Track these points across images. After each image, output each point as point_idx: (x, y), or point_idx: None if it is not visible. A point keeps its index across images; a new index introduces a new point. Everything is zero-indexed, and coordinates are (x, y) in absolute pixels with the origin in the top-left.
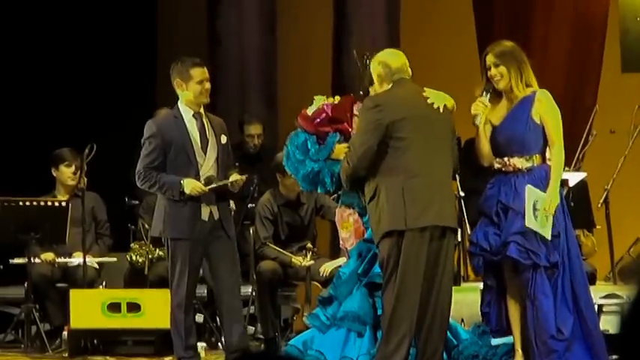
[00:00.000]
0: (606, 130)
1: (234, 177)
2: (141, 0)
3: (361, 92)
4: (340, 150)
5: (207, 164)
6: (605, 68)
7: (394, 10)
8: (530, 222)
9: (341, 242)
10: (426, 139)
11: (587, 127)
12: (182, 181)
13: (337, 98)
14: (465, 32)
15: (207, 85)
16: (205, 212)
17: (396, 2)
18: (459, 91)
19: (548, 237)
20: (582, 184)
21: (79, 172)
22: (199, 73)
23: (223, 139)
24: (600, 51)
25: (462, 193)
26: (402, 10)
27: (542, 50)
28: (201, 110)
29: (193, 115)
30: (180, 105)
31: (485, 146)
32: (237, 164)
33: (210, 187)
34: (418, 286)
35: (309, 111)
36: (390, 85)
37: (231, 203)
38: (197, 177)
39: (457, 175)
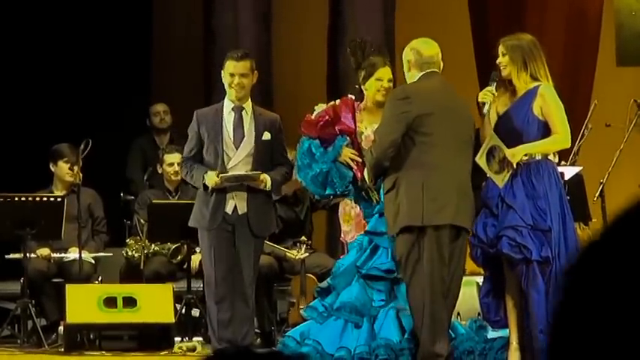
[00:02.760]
0: (601, 123)
1: (245, 171)
2: None
3: (356, 86)
4: (346, 152)
5: (237, 159)
6: (600, 62)
7: (389, 5)
8: (481, 160)
9: (342, 235)
10: (450, 136)
11: (586, 120)
12: (205, 174)
13: (337, 102)
14: (461, 26)
15: (237, 80)
16: (230, 205)
17: (391, 2)
18: (455, 86)
19: (500, 185)
20: (578, 178)
21: (76, 168)
22: (231, 65)
23: (266, 135)
24: (595, 45)
25: None
26: (397, 5)
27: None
28: (245, 104)
29: (232, 109)
30: (225, 98)
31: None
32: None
33: (221, 176)
34: (444, 278)
35: (312, 116)
36: (419, 76)
37: None
38: (223, 170)
39: None
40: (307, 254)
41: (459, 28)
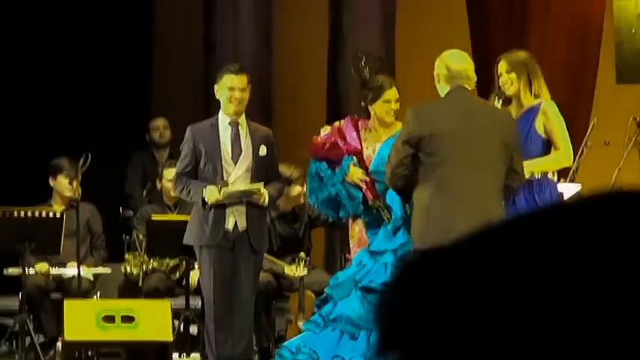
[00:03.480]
0: (601, 141)
1: (248, 185)
2: (137, 10)
3: (362, 104)
4: (354, 173)
5: (236, 174)
6: (599, 79)
7: (389, 22)
8: None
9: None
10: (462, 156)
11: (585, 138)
12: (204, 189)
13: (342, 122)
14: (461, 44)
15: (237, 94)
16: (230, 221)
17: (391, 15)
18: None
19: None
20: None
21: (75, 183)
22: (229, 79)
23: (262, 150)
24: (595, 62)
25: None
26: (398, 23)
27: (538, 61)
28: (240, 119)
29: (229, 123)
30: (220, 112)
31: None
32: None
33: (224, 190)
34: None
35: (319, 138)
36: (446, 92)
37: None
38: (224, 186)
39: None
40: (306, 270)
41: (459, 46)
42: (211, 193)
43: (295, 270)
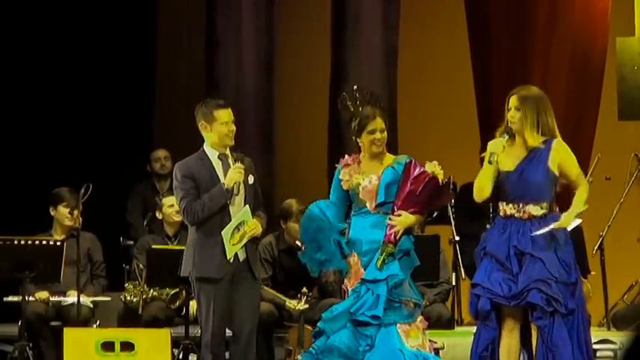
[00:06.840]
0: (602, 177)
1: (256, 229)
2: (140, 42)
3: (354, 137)
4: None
5: (238, 206)
6: (601, 115)
7: (391, 56)
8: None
9: (344, 283)
10: None
11: (588, 174)
12: (219, 184)
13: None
14: (463, 78)
15: (232, 127)
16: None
17: (392, 49)
18: (454, 137)
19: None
20: (578, 230)
21: (76, 212)
22: (223, 114)
23: (251, 179)
24: (597, 98)
25: (457, 238)
26: (399, 57)
27: None
28: (227, 151)
29: (219, 157)
30: (206, 147)
31: (488, 185)
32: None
33: (224, 237)
34: None
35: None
36: None
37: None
38: (229, 219)
39: (452, 220)
40: (307, 305)
41: (462, 79)
42: (231, 177)
43: (297, 304)
